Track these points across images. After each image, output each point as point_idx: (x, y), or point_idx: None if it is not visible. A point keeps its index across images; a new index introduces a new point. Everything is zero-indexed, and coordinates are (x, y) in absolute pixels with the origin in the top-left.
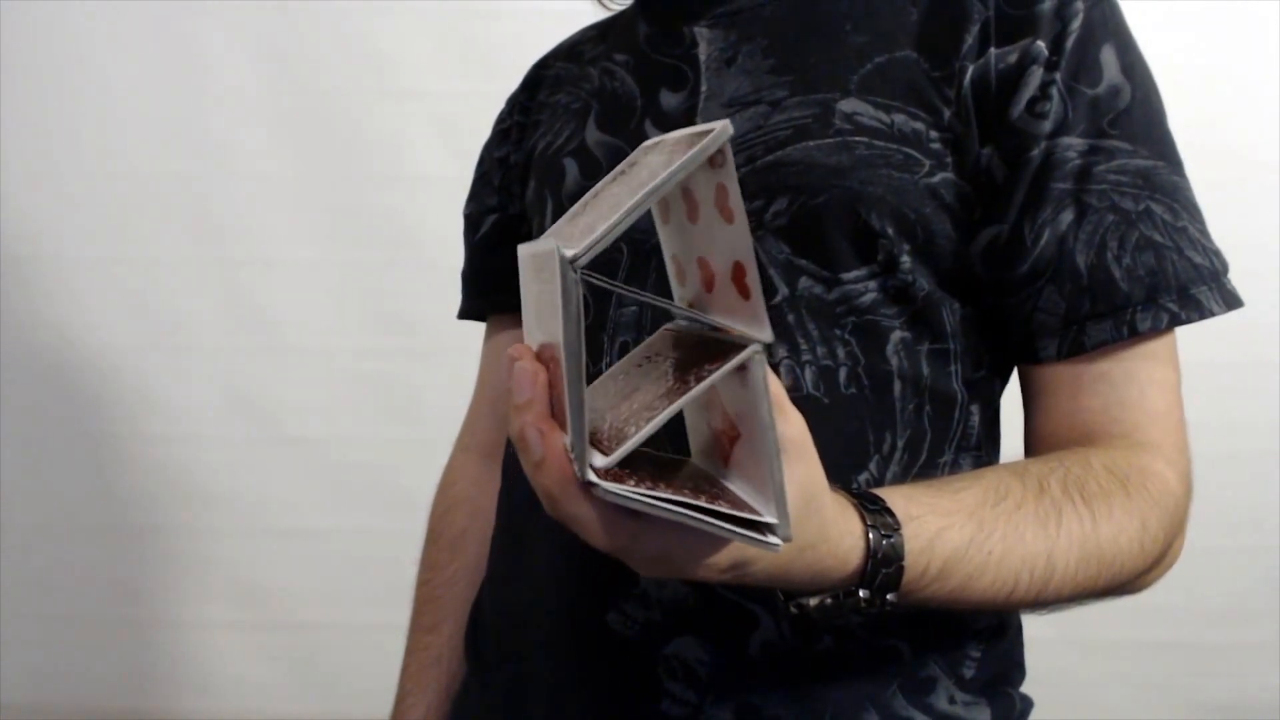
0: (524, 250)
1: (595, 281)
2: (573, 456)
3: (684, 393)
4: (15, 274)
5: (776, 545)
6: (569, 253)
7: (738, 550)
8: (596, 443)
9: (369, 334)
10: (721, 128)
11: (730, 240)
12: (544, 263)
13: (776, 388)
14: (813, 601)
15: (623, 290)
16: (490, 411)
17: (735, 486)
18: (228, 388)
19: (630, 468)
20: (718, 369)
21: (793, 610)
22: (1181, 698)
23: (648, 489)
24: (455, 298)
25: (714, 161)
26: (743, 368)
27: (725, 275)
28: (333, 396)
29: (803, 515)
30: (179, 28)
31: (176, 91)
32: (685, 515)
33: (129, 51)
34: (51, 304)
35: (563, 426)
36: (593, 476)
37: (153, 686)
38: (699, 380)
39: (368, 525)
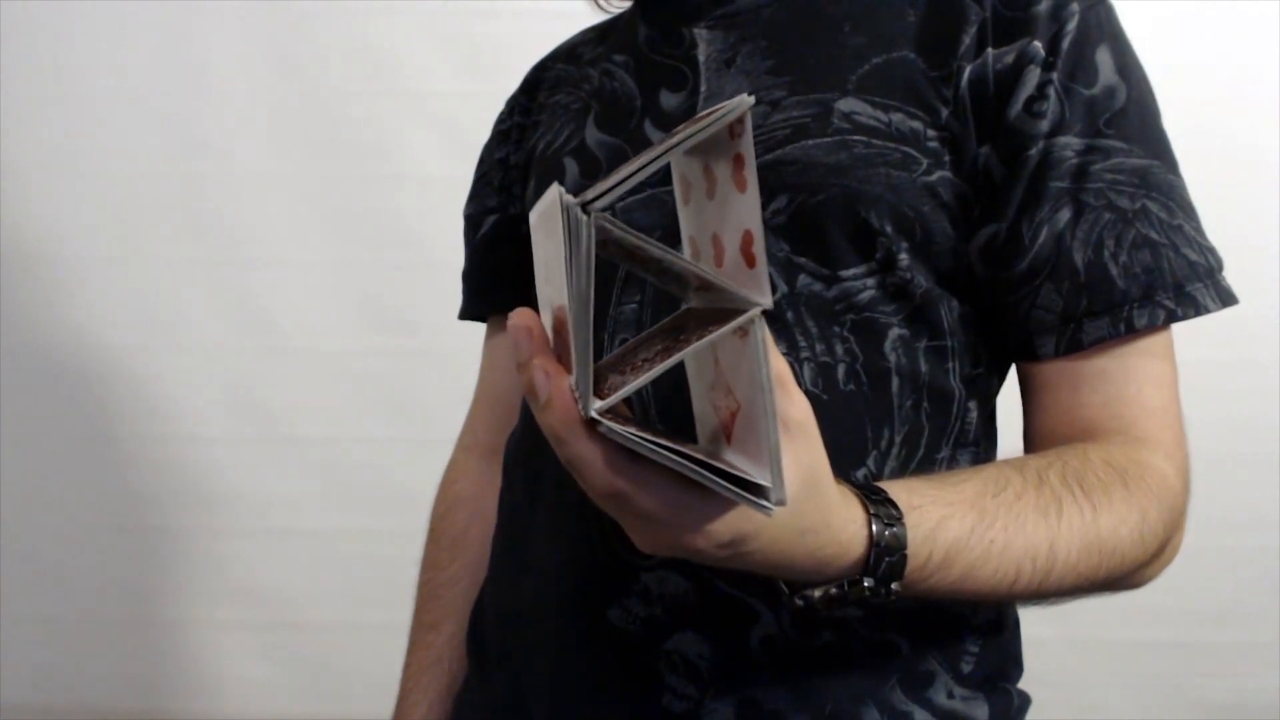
0: (533, 213)
1: (611, 228)
2: (578, 395)
3: (683, 348)
4: (15, 274)
5: (769, 508)
6: (572, 198)
7: (737, 521)
8: (600, 394)
9: (369, 334)
10: (742, 99)
11: (741, 209)
12: (549, 213)
13: (780, 366)
14: (817, 593)
15: (635, 238)
16: (491, 412)
17: (734, 459)
18: (228, 388)
19: (637, 427)
20: (718, 330)
21: (798, 603)
22: (1181, 698)
23: (650, 436)
24: (455, 298)
25: (734, 130)
26: (744, 332)
27: (735, 247)
28: (333, 396)
29: (806, 496)
30: (179, 28)
31: (176, 91)
32: (682, 464)
33: (129, 51)
34: (51, 304)
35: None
36: (595, 414)
37: (153, 686)
38: (699, 339)
39: (368, 525)
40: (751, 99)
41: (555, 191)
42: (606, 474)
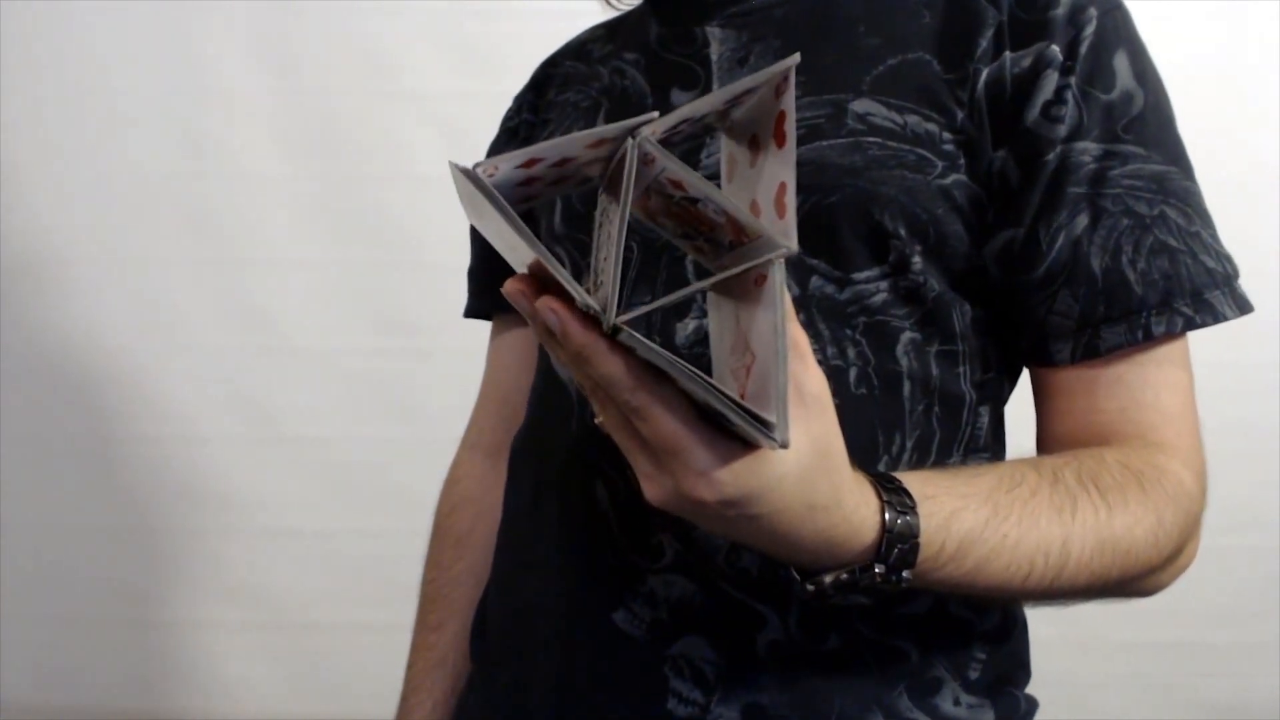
0: (464, 209)
1: (655, 152)
2: (596, 310)
3: (703, 282)
4: (15, 274)
5: (775, 441)
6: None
7: (744, 474)
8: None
9: (369, 334)
10: (789, 59)
11: (778, 165)
12: (466, 192)
13: (800, 336)
14: (828, 578)
15: (679, 166)
16: (497, 411)
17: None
18: (228, 388)
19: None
20: (739, 268)
21: (809, 588)
22: (1181, 698)
23: (668, 353)
24: (455, 298)
25: (779, 89)
26: (762, 278)
27: (770, 203)
28: (333, 396)
29: (817, 467)
30: (179, 28)
31: (176, 91)
32: (695, 376)
33: (129, 51)
34: (51, 304)
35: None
36: (617, 321)
37: (153, 687)
38: (719, 275)
39: (368, 525)
40: (798, 58)
41: (453, 169)
42: (630, 386)
